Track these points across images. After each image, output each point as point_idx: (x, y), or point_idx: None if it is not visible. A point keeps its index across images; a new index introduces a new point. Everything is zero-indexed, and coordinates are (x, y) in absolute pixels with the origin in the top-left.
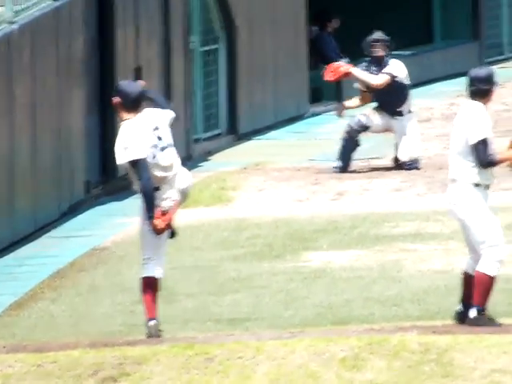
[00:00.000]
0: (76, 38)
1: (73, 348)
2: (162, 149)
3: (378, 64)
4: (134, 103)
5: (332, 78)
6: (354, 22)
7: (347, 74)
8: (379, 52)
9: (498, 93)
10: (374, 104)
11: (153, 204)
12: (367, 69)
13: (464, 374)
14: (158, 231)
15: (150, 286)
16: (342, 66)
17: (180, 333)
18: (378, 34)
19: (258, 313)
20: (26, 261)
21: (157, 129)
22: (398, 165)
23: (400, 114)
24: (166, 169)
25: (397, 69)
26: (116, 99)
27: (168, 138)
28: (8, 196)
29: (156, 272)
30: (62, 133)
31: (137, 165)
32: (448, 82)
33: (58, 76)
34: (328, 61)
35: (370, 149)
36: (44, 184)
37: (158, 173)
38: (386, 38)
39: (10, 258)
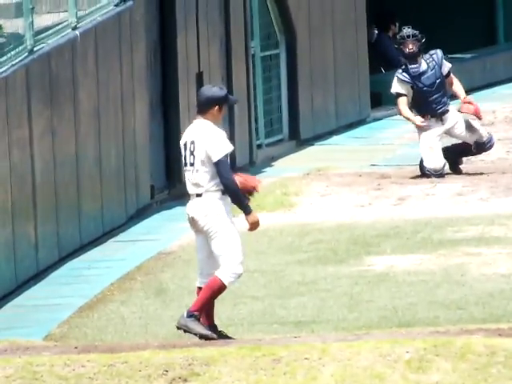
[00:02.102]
0: (138, 43)
1: (143, 349)
2: None
3: (414, 61)
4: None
5: (472, 112)
6: (415, 24)
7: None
8: (412, 48)
9: None
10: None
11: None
12: (406, 72)
13: None
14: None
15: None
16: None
17: (247, 335)
18: (407, 30)
19: (323, 316)
20: (94, 264)
21: None
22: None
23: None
24: None
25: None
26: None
27: None
28: (76, 200)
29: None
30: (125, 137)
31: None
32: (511, 84)
33: (122, 81)
34: (390, 65)
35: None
36: (110, 188)
37: None
38: (416, 32)
39: (78, 261)
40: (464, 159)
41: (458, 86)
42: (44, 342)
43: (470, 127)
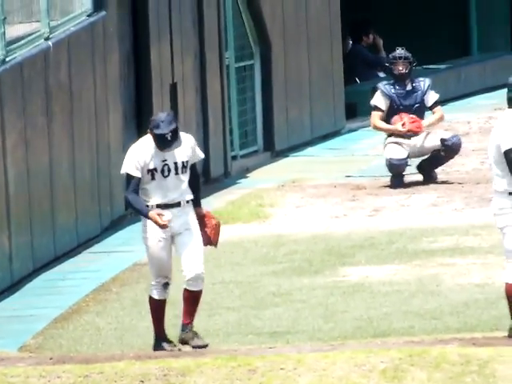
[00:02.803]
0: (111, 54)
1: (118, 360)
2: None
3: (402, 82)
4: None
5: (419, 130)
6: (389, 35)
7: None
8: (402, 70)
9: None
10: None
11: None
12: (393, 88)
13: None
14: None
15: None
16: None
17: (223, 345)
18: (400, 52)
19: (299, 326)
20: (69, 275)
21: None
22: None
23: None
24: None
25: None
26: None
27: None
28: (50, 212)
29: None
30: (99, 148)
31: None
32: (486, 95)
33: (95, 92)
34: (369, 72)
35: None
36: (84, 200)
37: None
38: (409, 55)
39: (53, 272)
40: (439, 170)
41: (432, 117)
42: (19, 353)
43: (433, 133)
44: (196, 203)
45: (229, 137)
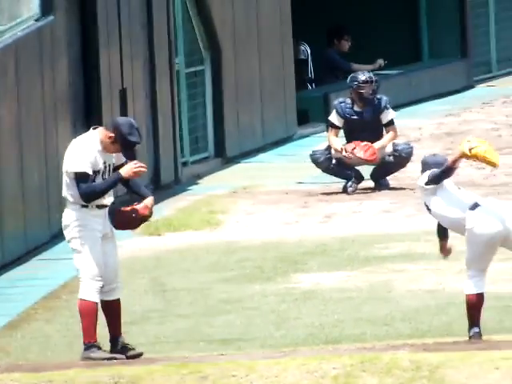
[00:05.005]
0: (60, 59)
1: (68, 367)
2: None
3: (364, 103)
4: None
5: (374, 158)
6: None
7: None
8: (366, 94)
9: (487, 111)
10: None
11: None
12: (348, 108)
13: None
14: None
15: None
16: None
17: (174, 353)
18: (367, 74)
19: (250, 333)
20: (18, 282)
21: None
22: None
23: None
24: None
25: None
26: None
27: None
28: None
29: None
30: (48, 156)
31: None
32: (437, 101)
33: (44, 98)
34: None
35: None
36: (33, 206)
37: None
38: (374, 77)
39: (1, 279)
40: (390, 176)
41: (385, 138)
42: None
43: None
44: None
45: (179, 143)
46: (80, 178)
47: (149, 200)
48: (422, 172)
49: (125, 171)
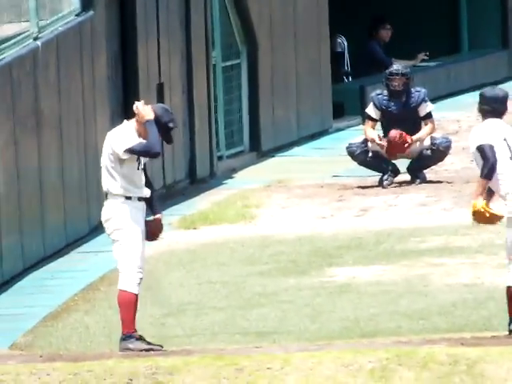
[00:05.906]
0: (99, 53)
1: (107, 358)
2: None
3: (398, 98)
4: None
5: (405, 152)
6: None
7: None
8: (396, 86)
9: None
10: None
11: None
12: (385, 101)
13: None
14: None
15: None
16: (403, 139)
17: (209, 345)
18: (397, 67)
19: (285, 326)
20: (58, 274)
21: None
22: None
23: None
24: None
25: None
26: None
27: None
28: (39, 212)
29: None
30: (87, 149)
31: None
32: (476, 93)
33: (83, 91)
34: (378, 70)
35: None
36: (73, 200)
37: None
38: (406, 71)
39: (42, 271)
40: (426, 171)
41: (423, 131)
42: (9, 351)
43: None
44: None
45: (215, 137)
46: (130, 152)
47: (158, 217)
48: (478, 105)
49: (143, 113)
